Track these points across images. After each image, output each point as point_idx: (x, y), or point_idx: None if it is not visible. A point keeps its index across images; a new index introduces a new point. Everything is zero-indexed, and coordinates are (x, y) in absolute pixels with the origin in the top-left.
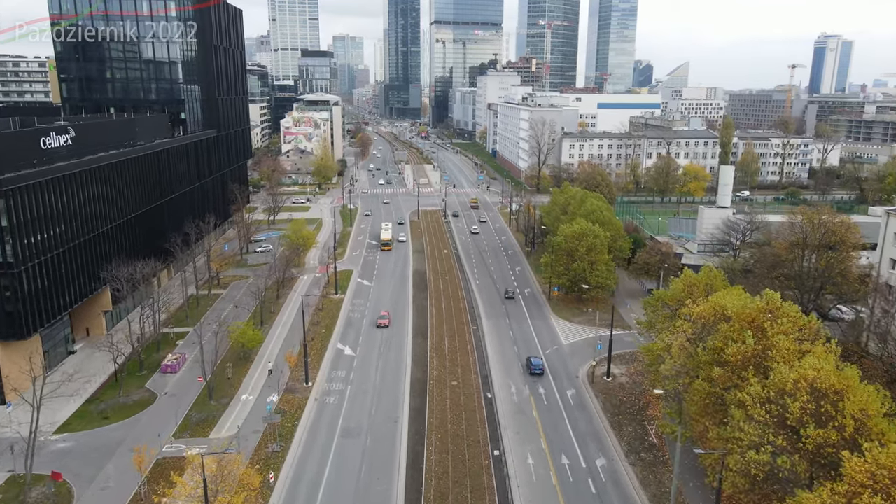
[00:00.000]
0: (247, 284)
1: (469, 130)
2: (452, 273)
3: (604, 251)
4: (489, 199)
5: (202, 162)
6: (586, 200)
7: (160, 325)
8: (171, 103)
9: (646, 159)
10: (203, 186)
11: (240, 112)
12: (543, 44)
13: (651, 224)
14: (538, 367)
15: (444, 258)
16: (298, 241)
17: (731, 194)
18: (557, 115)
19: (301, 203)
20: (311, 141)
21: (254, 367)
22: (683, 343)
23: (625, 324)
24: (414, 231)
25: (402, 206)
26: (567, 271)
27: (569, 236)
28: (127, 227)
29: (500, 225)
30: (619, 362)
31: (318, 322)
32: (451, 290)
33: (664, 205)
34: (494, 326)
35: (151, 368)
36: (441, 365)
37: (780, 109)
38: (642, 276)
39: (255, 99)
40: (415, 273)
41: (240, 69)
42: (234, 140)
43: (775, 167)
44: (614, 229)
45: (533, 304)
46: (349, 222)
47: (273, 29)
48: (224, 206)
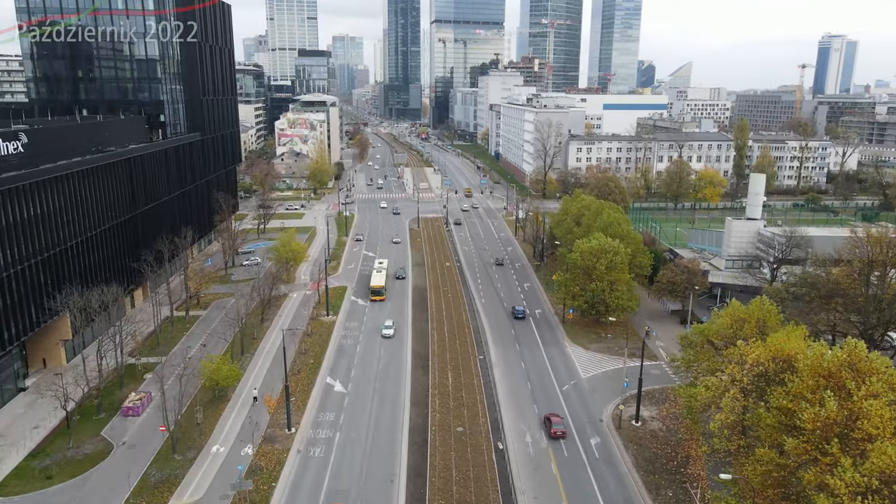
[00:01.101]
0: (230, 304)
1: (470, 132)
2: (455, 290)
3: (624, 269)
4: (493, 206)
5: (184, 169)
6: (602, 212)
7: (124, 358)
8: (150, 105)
9: (656, 163)
10: (185, 196)
11: (228, 114)
12: (546, 43)
13: (668, 234)
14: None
15: (447, 272)
16: (287, 256)
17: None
18: (564, 116)
19: (294, 210)
20: (306, 143)
21: (229, 409)
22: (736, 395)
23: (649, 352)
24: (414, 241)
25: (402, 214)
26: (583, 292)
27: (585, 253)
28: (91, 244)
29: (505, 234)
30: (648, 401)
31: (307, 350)
32: (453, 310)
33: (678, 212)
34: (503, 355)
35: (111, 410)
36: (444, 405)
37: (790, 110)
38: (665, 295)
39: (251, 100)
40: (414, 290)
41: (228, 68)
42: (222, 144)
43: (792, 171)
44: (634, 244)
45: (545, 327)
46: (344, 231)
47: (271, 28)
48: (208, 217)
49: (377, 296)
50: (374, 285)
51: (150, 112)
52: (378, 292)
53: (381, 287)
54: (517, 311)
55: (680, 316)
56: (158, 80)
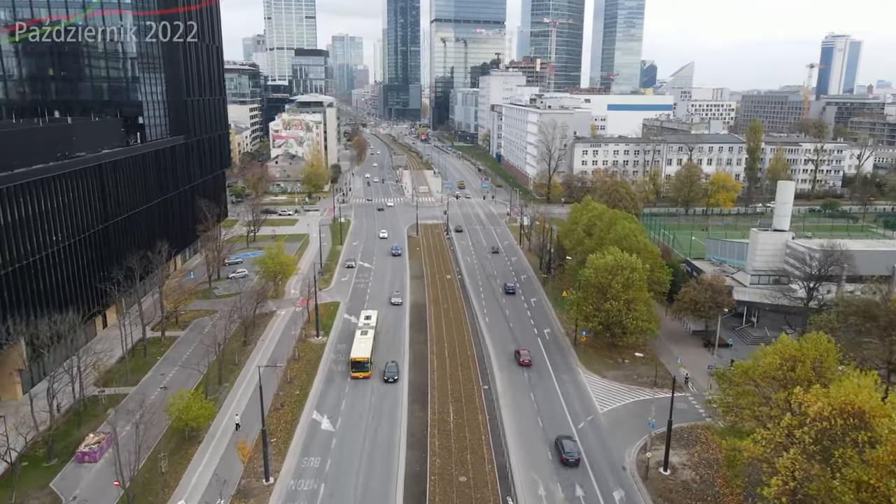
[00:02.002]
0: (211, 324)
1: (471, 133)
2: (457, 307)
3: (643, 287)
4: (495, 211)
5: (165, 174)
6: (616, 223)
7: (84, 391)
8: (127, 106)
9: (665, 166)
10: (166, 204)
11: (216, 115)
12: (548, 43)
13: (682, 243)
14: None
15: (448, 286)
16: (275, 269)
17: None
18: (569, 117)
19: (287, 216)
20: (302, 145)
21: (200, 453)
22: (798, 457)
23: (671, 379)
24: (412, 251)
25: (400, 221)
26: (598, 312)
27: (600, 269)
28: (52, 262)
29: (509, 242)
30: (677, 442)
31: (292, 379)
32: (455, 330)
33: (689, 218)
34: (510, 384)
35: (66, 454)
36: (445, 448)
37: (797, 111)
38: (686, 315)
39: (246, 100)
40: (413, 307)
41: (216, 66)
42: (209, 147)
43: (806, 175)
44: (651, 258)
45: (556, 350)
46: (339, 240)
47: (269, 28)
48: (192, 226)
49: (361, 371)
50: (355, 357)
51: (128, 114)
52: (361, 366)
53: (366, 360)
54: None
55: (703, 337)
56: (136, 80)
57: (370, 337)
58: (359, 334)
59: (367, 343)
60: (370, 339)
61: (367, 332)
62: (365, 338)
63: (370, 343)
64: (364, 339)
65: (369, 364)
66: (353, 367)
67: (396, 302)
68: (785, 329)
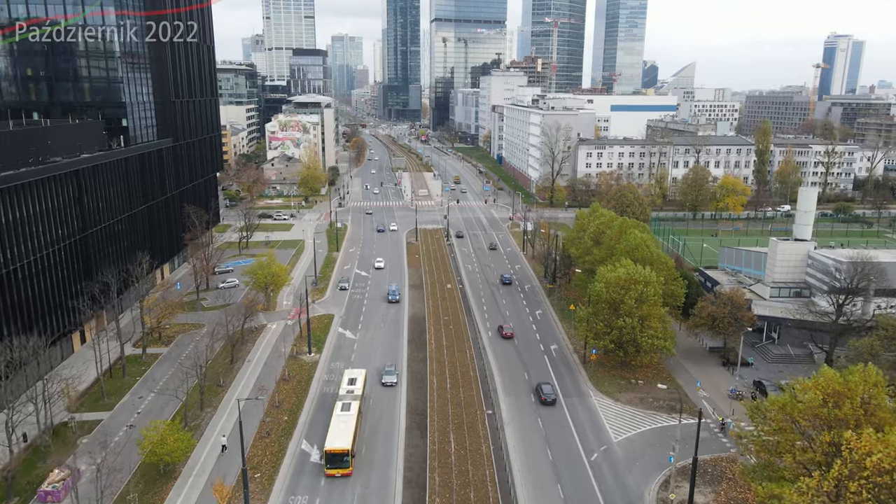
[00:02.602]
0: (198, 338)
1: (472, 134)
2: (458, 320)
3: (657, 302)
4: (497, 216)
5: (151, 180)
6: (627, 231)
7: (52, 420)
8: (110, 107)
9: (672, 168)
10: (151, 211)
11: (208, 116)
12: (549, 42)
13: (693, 251)
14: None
15: (448, 297)
16: (266, 280)
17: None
18: (573, 118)
19: (283, 220)
20: (299, 147)
21: (175, 492)
22: None
23: (691, 404)
24: (411, 258)
25: (400, 228)
26: (610, 329)
27: (611, 283)
28: (16, 277)
29: (511, 249)
30: (701, 478)
31: (280, 403)
32: (456, 347)
33: (698, 223)
34: (517, 411)
35: (28, 492)
36: (445, 485)
37: (802, 112)
38: (703, 330)
39: (242, 100)
40: (411, 320)
41: (208, 67)
42: (200, 150)
43: (816, 178)
44: (665, 269)
45: (564, 369)
46: (335, 246)
47: (267, 27)
48: (180, 234)
49: (338, 468)
50: (330, 448)
51: (111, 116)
52: (337, 461)
53: (345, 451)
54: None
55: (721, 355)
56: (120, 80)
57: (353, 414)
58: (338, 410)
59: (349, 424)
60: (353, 417)
61: (350, 406)
62: (346, 416)
63: (353, 424)
64: (344, 418)
65: (349, 458)
66: (327, 462)
67: (390, 380)
68: (809, 346)
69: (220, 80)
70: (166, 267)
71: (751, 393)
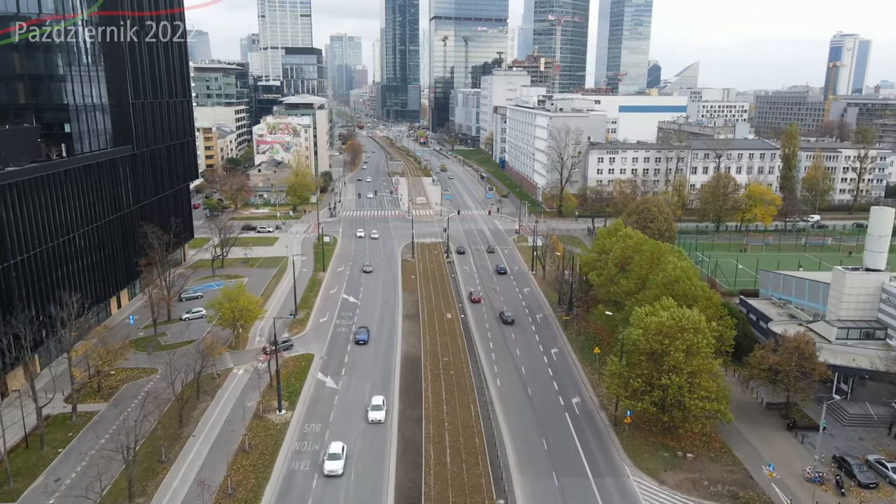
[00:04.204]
0: (147, 388)
1: (472, 136)
2: (460, 362)
3: (709, 354)
4: (502, 227)
5: (100, 195)
6: (663, 258)
7: None
8: (49, 110)
9: (689, 174)
10: (100, 231)
11: (178, 120)
12: (552, 41)
13: (726, 271)
14: None
15: (448, 330)
16: (233, 315)
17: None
18: (583, 121)
19: (267, 233)
20: (288, 151)
21: None
22: None
23: (759, 491)
24: (406, 280)
25: (395, 248)
26: (650, 388)
27: (653, 331)
28: None
29: (519, 268)
30: None
31: (239, 484)
32: (458, 401)
33: (723, 236)
34: (531, 490)
35: None
36: None
37: (816, 112)
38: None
39: (232, 101)
40: (405, 361)
41: (178, 63)
42: (167, 158)
43: (846, 184)
44: (711, 307)
45: (591, 433)
46: (322, 265)
47: (262, 26)
48: (137, 257)
49: None
50: None
51: (50, 120)
52: None
53: None
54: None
55: (782, 414)
56: (61, 79)
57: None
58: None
59: None
60: None
61: None
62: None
63: None
64: None
65: None
66: None
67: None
68: (893, 405)
69: (207, 80)
70: (125, 294)
71: (835, 476)
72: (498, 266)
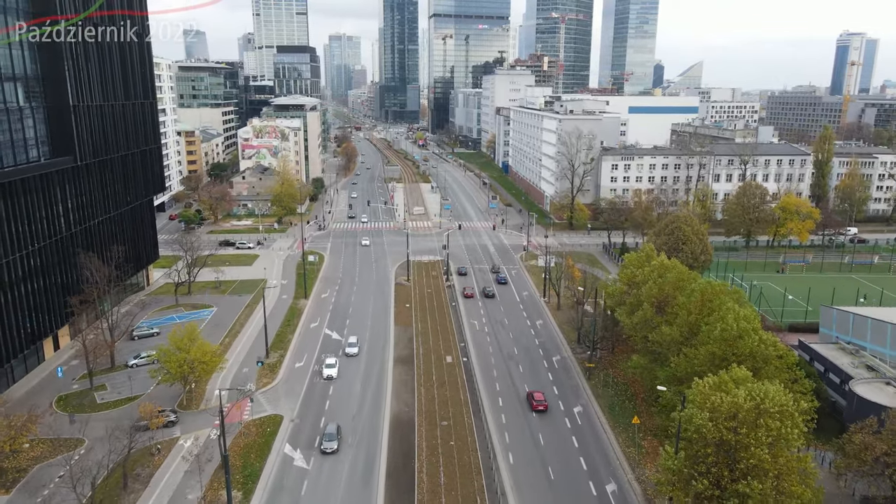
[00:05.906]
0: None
1: (473, 138)
2: (463, 428)
3: (794, 442)
4: (507, 242)
5: (25, 217)
6: (722, 305)
7: None
8: None
9: (713, 183)
10: (23, 262)
11: (138, 125)
12: (555, 40)
13: (771, 299)
14: None
15: (449, 380)
16: (183, 369)
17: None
18: (596, 124)
19: (247, 249)
20: (276, 156)
21: None
22: None
23: None
24: (400, 310)
25: (388, 268)
26: (720, 493)
27: (720, 414)
28: None
29: (529, 293)
30: None
31: None
32: (461, 491)
33: (754, 253)
34: None
35: None
36: None
37: (832, 113)
38: (862, 477)
39: (219, 102)
40: (395, 427)
41: (139, 62)
42: (124, 169)
43: (882, 192)
44: (785, 367)
45: None
46: (305, 291)
47: (257, 25)
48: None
49: None
50: None
51: None
52: None
53: None
54: None
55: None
56: None
57: None
58: None
59: None
60: None
61: None
62: None
63: None
64: None
65: None
66: None
67: None
68: None
69: (193, 80)
70: (64, 332)
71: None
72: (490, 289)
